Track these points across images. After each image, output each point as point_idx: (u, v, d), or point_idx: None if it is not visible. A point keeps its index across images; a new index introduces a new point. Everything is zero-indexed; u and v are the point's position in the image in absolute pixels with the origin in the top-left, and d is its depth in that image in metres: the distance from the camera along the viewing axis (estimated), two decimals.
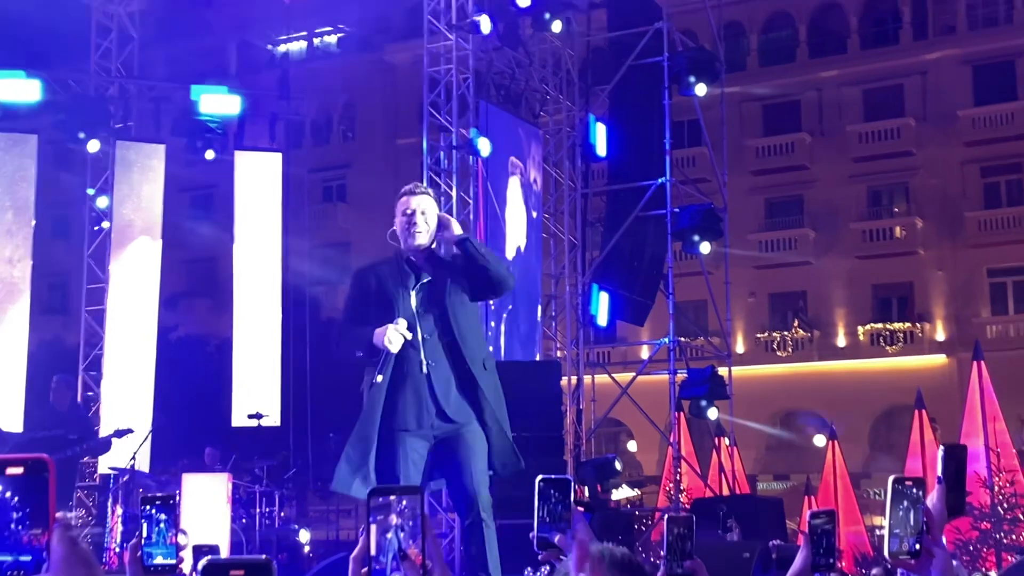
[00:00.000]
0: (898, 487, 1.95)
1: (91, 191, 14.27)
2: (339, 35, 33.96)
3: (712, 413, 13.45)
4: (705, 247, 13.82)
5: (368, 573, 1.65)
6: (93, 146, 13.45)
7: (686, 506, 13.41)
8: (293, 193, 15.12)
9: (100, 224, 14.21)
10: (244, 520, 10.84)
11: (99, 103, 13.69)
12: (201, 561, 1.38)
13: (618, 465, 12.23)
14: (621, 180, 14.69)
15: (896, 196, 28.35)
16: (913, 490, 1.95)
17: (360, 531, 1.69)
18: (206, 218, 26.26)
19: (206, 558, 1.39)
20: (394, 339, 4.50)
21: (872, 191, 28.32)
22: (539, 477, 2.31)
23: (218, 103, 13.78)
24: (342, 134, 32.99)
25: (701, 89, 13.91)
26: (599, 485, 11.82)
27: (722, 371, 13.91)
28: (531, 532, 2.29)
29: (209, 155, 13.95)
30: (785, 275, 27.99)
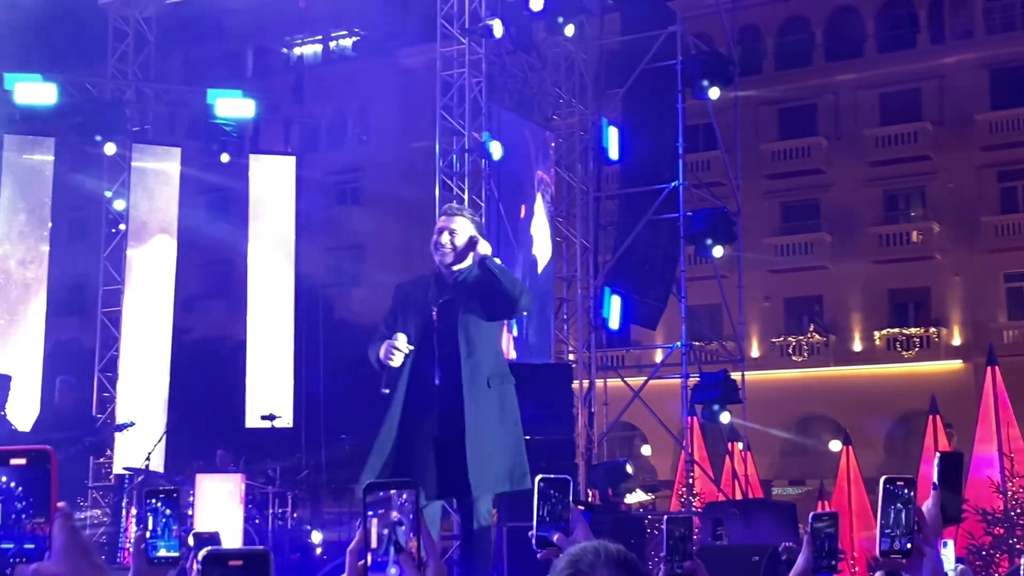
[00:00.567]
0: (889, 487, 1.96)
1: (108, 193, 14.36)
2: (354, 39, 34.07)
3: (724, 417, 13.44)
4: (718, 251, 13.81)
5: (366, 565, 1.68)
6: (110, 149, 13.55)
7: (698, 509, 13.39)
8: (307, 196, 15.18)
9: (116, 226, 14.30)
10: (257, 521, 10.88)
11: (115, 107, 13.78)
12: (201, 551, 1.41)
13: (629, 468, 12.22)
14: (634, 184, 14.70)
15: (913, 200, 28.24)
16: (904, 490, 1.97)
17: (357, 524, 1.72)
18: (221, 221, 26.34)
19: (206, 548, 1.43)
20: (394, 355, 4.67)
21: (889, 195, 28.22)
22: (539, 477, 2.34)
23: (233, 106, 13.84)
24: (356, 137, 33.08)
25: (714, 93, 13.91)
26: (610, 488, 11.82)
27: (735, 375, 13.89)
28: (530, 531, 2.31)
29: (224, 158, 14.00)
30: (801, 279, 27.90)
